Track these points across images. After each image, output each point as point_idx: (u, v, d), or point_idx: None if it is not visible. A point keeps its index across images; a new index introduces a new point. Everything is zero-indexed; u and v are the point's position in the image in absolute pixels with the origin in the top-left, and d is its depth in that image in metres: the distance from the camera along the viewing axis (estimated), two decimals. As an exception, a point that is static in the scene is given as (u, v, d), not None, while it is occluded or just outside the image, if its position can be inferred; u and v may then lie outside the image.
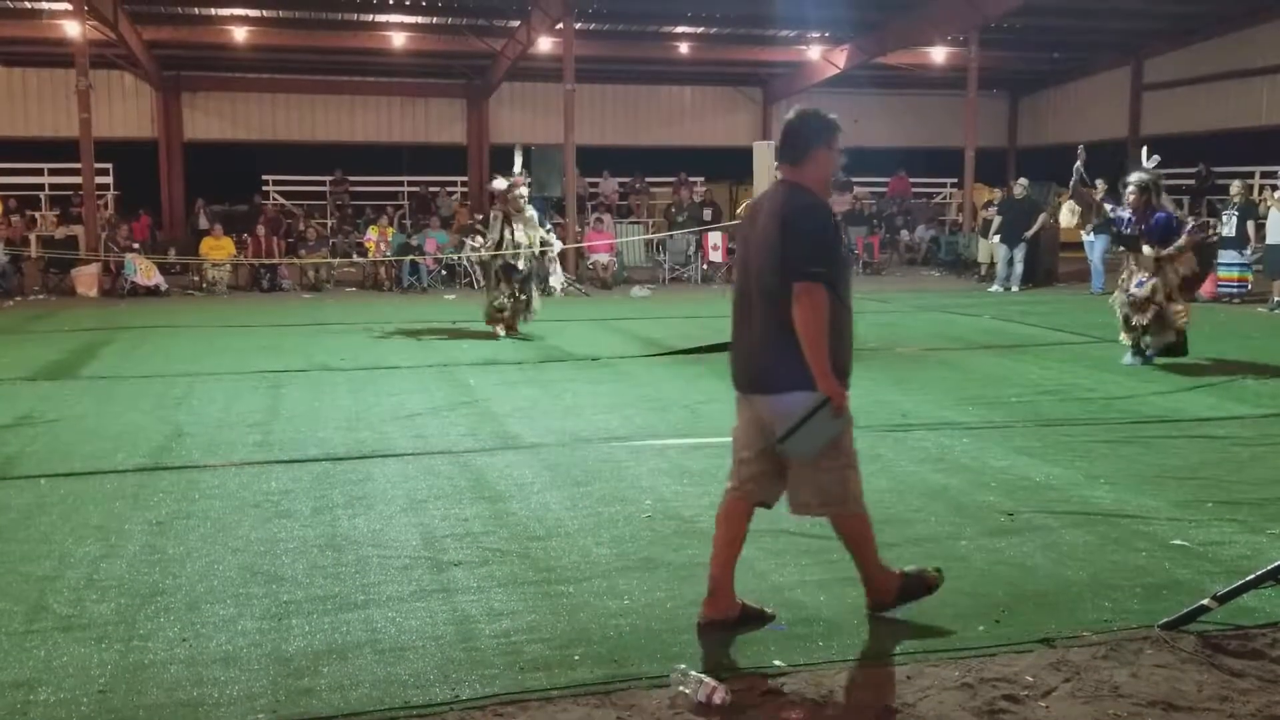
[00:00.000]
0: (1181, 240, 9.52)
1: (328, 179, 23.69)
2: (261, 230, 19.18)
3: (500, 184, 12.38)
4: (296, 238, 19.82)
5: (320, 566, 4.67)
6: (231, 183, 23.36)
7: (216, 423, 7.68)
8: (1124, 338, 9.93)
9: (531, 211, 12.43)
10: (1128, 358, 9.86)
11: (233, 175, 23.71)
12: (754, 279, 3.87)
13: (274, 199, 23.10)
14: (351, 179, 23.91)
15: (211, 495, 5.80)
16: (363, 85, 24.42)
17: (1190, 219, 10.58)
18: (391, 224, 20.31)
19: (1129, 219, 9.76)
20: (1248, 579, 3.98)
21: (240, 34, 20.44)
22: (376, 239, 19.25)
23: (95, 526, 5.23)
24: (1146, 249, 9.63)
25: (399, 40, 21.15)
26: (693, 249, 19.98)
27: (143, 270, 17.55)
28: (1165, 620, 3.98)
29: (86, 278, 17.50)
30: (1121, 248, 10.23)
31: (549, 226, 13.29)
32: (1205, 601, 3.96)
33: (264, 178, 23.68)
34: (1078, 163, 10.14)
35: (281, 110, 24.31)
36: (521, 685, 3.54)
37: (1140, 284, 9.63)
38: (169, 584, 4.46)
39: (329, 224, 22.40)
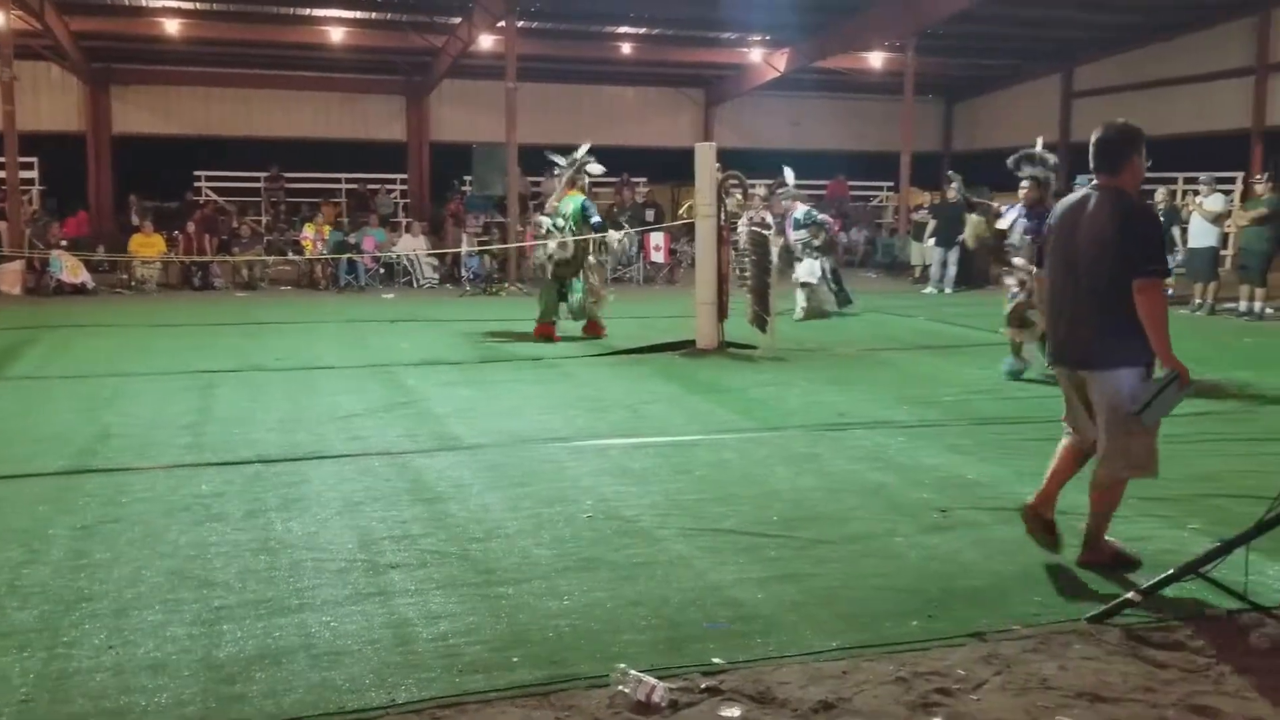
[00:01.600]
0: None
1: (263, 175, 23.35)
2: (193, 227, 18.86)
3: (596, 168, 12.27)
4: (230, 235, 19.52)
5: (253, 570, 4.60)
6: (163, 178, 22.90)
7: (146, 424, 7.53)
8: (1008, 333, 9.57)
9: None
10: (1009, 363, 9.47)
11: (164, 171, 23.25)
12: (1082, 273, 4.39)
13: (207, 195, 22.70)
14: (288, 175, 23.56)
15: (140, 498, 5.68)
16: (300, 80, 24.09)
17: None
18: (328, 222, 20.09)
19: (1020, 217, 9.38)
20: (1170, 573, 4.09)
21: (172, 26, 20.05)
22: (313, 237, 19.04)
23: (17, 531, 5.09)
24: (1020, 260, 9.27)
25: (337, 35, 20.92)
26: (635, 249, 19.99)
27: (69, 268, 17.16)
28: (1092, 614, 4.07)
29: (10, 275, 17.09)
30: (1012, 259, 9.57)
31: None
32: (1130, 595, 4.06)
33: (197, 174, 23.24)
34: (954, 183, 10.15)
35: (215, 105, 23.89)
36: (459, 688, 3.51)
37: (1014, 295, 9.37)
38: (95, 590, 4.36)
39: (264, 221, 22.09)
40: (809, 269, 13.93)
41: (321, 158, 24.24)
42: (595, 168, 12.45)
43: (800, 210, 14.19)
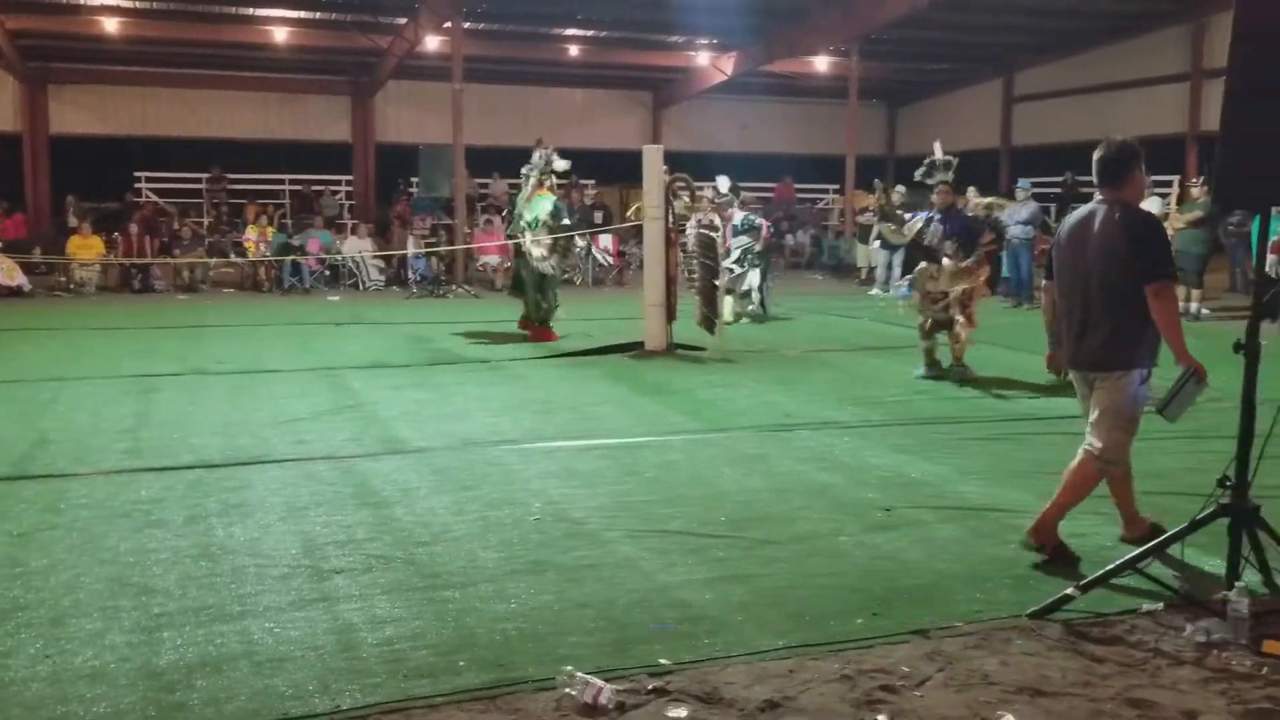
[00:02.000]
0: (980, 251, 9.33)
1: (205, 176, 23.01)
2: (134, 229, 18.53)
3: None
4: (171, 237, 19.22)
5: (194, 577, 4.53)
6: (102, 179, 22.49)
7: (84, 429, 7.40)
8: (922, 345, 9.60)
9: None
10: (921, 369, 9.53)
11: (103, 172, 22.83)
12: (1094, 282, 4.61)
13: (147, 196, 22.33)
14: (230, 176, 23.25)
15: (78, 505, 5.58)
16: (242, 80, 23.78)
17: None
18: (272, 223, 19.84)
19: (934, 218, 9.44)
20: (1109, 568, 4.18)
21: (111, 25, 19.70)
22: (256, 238, 18.80)
23: (-47, 539, 4.99)
24: (948, 260, 9.34)
25: (281, 35, 20.67)
26: (584, 251, 19.98)
27: (5, 270, 16.81)
28: (1032, 609, 4.14)
29: (-55, 278, 16.70)
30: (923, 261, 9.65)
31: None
32: (1069, 591, 4.14)
33: (137, 174, 22.85)
34: (893, 186, 10.15)
35: (155, 105, 23.50)
36: (405, 693, 3.49)
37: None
38: (31, 598, 4.27)
39: (205, 222, 21.77)
40: (748, 279, 14.00)
41: (265, 158, 23.95)
42: (560, 164, 12.42)
43: (739, 217, 14.22)
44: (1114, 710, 3.41)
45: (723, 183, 14.67)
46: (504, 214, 14.75)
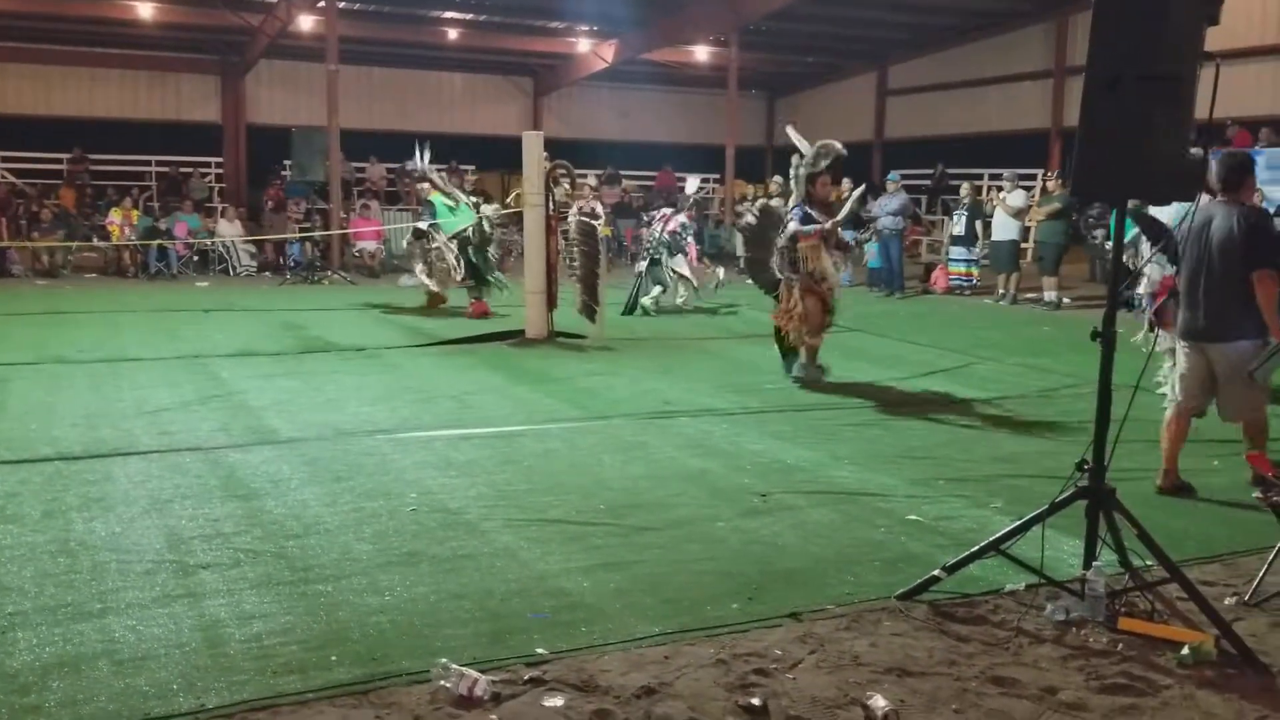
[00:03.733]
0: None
1: (65, 156, 21.99)
2: (-12, 210, 17.63)
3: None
4: (29, 219, 18.32)
5: (51, 574, 4.34)
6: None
7: (-68, 421, 7.03)
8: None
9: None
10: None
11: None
12: (1215, 268, 5.48)
13: (4, 177, 21.22)
14: (93, 157, 22.25)
15: (-76, 500, 5.30)
16: (105, 57, 22.74)
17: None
18: (137, 206, 19.09)
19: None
20: (973, 550, 4.31)
21: (-38, -3, 18.65)
22: (120, 222, 18.06)
23: None
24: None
25: (146, 11, 19.84)
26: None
27: None
28: (901, 591, 4.25)
29: None
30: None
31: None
32: (936, 572, 4.26)
33: (-10, 153, 21.71)
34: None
35: (12, 81, 22.29)
36: (273, 689, 3.41)
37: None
38: None
39: (60, 205, 20.80)
40: (681, 261, 14.14)
41: (130, 139, 22.98)
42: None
43: (678, 221, 14.12)
44: (978, 688, 3.53)
45: (691, 184, 14.85)
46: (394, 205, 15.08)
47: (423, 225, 13.21)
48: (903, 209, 16.47)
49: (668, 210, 14.48)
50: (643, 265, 13.98)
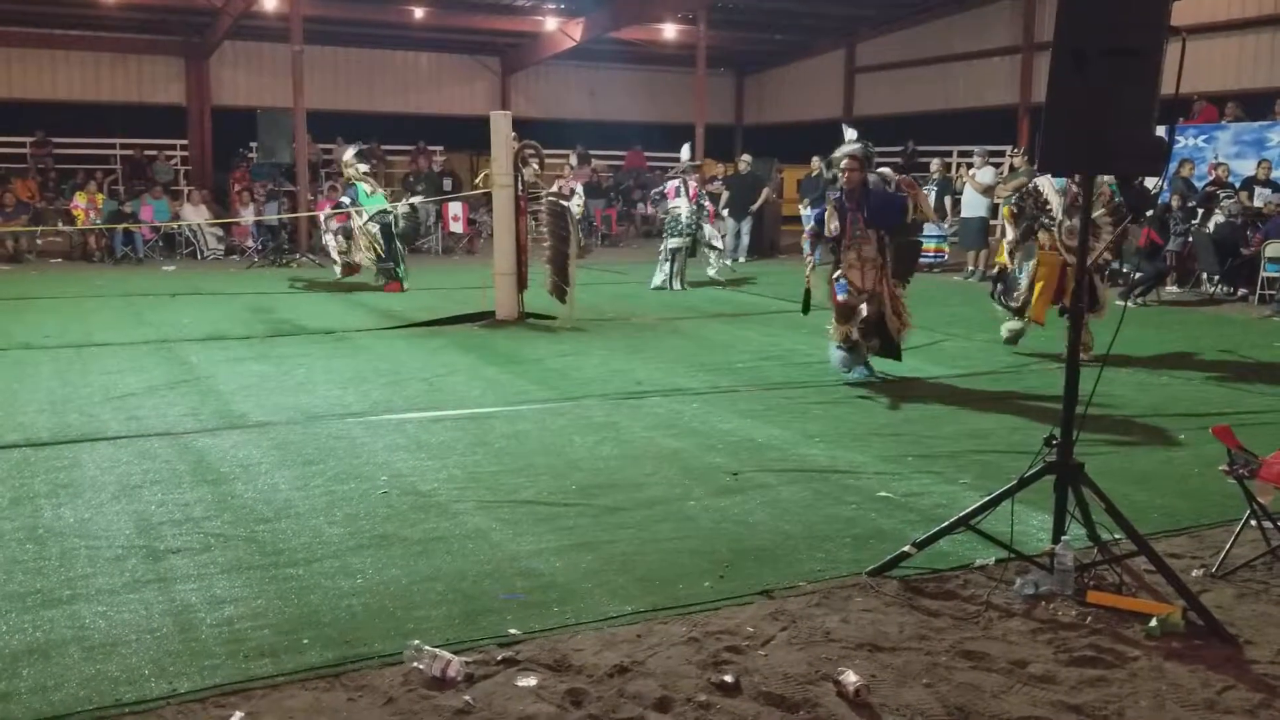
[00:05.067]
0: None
1: (28, 140, 21.65)
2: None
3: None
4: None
5: (19, 561, 4.31)
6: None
7: (-106, 409, 6.93)
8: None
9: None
10: (860, 371, 8.14)
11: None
12: None
13: (-37, 161, 20.89)
14: (56, 140, 21.92)
15: (-113, 489, 5.23)
16: (66, 39, 22.35)
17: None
18: (101, 189, 18.84)
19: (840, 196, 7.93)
20: (943, 526, 4.35)
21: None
22: (85, 206, 17.83)
23: None
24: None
25: (107, -9, 19.54)
26: (433, 219, 19.65)
27: None
28: (871, 568, 4.29)
29: None
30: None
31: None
32: (906, 548, 4.29)
33: (-50, 138, 21.34)
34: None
35: (-30, 63, 21.96)
36: (246, 674, 3.40)
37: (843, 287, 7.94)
38: None
39: (28, 187, 20.49)
40: (712, 232, 14.44)
41: (93, 122, 22.66)
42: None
43: (694, 186, 14.21)
44: (948, 662, 3.57)
45: (684, 152, 14.91)
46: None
47: (345, 200, 14.29)
48: (872, 187, 16.47)
49: (675, 183, 14.47)
50: (674, 242, 14.00)
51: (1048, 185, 9.06)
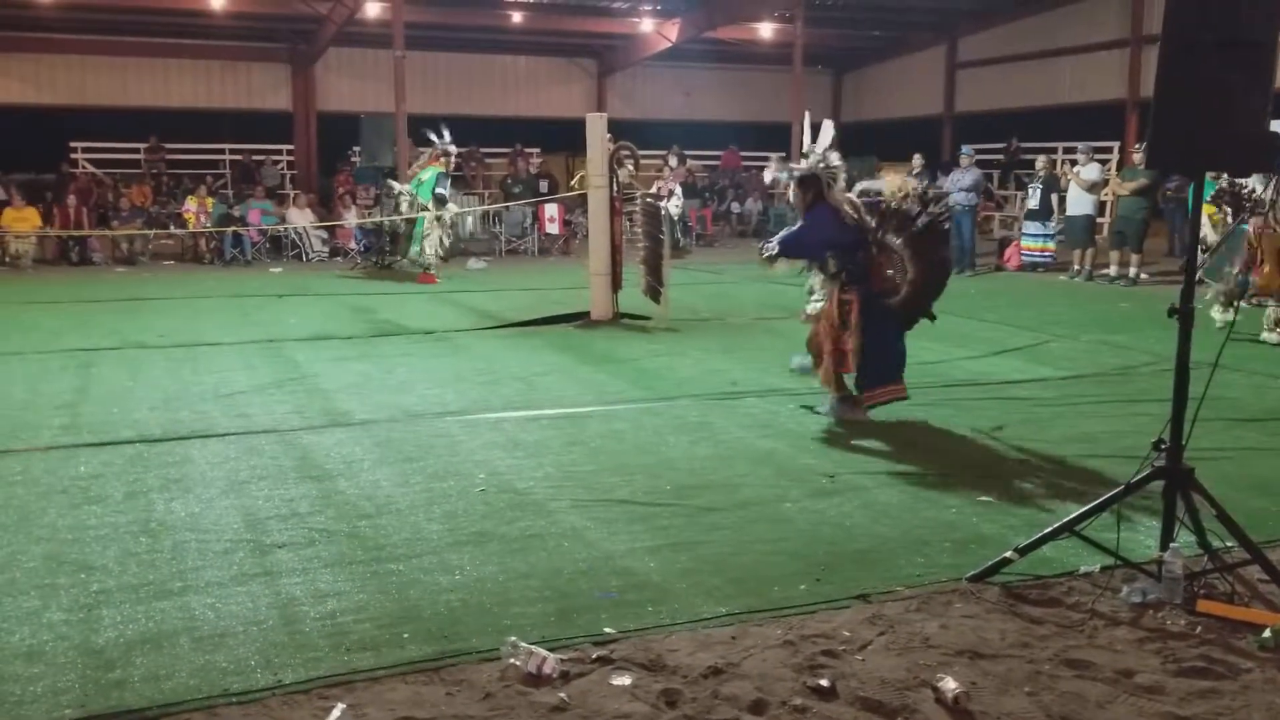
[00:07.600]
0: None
1: (142, 146, 22.49)
2: (71, 200, 18.09)
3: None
4: (109, 208, 18.79)
5: (133, 553, 4.47)
6: (35, 150, 21.88)
7: (20, 404, 7.25)
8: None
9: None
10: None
11: (36, 142, 22.21)
12: None
13: (84, 167, 21.79)
14: (169, 146, 22.74)
15: (13, 481, 5.47)
16: (179, 48, 23.18)
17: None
18: (211, 194, 19.47)
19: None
20: (1046, 531, 4.24)
21: (43, -8, 19.11)
22: (196, 209, 18.44)
23: (-119, 519, 4.87)
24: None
25: (217, 2, 20.17)
26: (529, 221, 19.86)
27: (-65, 244, 16.34)
28: (972, 573, 4.20)
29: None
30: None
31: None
32: (1008, 554, 4.20)
33: (72, 145, 22.27)
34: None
35: (91, 73, 22.87)
36: (348, 666, 3.48)
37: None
38: (-35, 577, 4.20)
39: (139, 192, 21.27)
40: None
41: (204, 128, 23.46)
42: (451, 148, 15.68)
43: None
44: (1051, 670, 3.48)
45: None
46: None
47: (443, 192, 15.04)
48: (975, 185, 16.18)
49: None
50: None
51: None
